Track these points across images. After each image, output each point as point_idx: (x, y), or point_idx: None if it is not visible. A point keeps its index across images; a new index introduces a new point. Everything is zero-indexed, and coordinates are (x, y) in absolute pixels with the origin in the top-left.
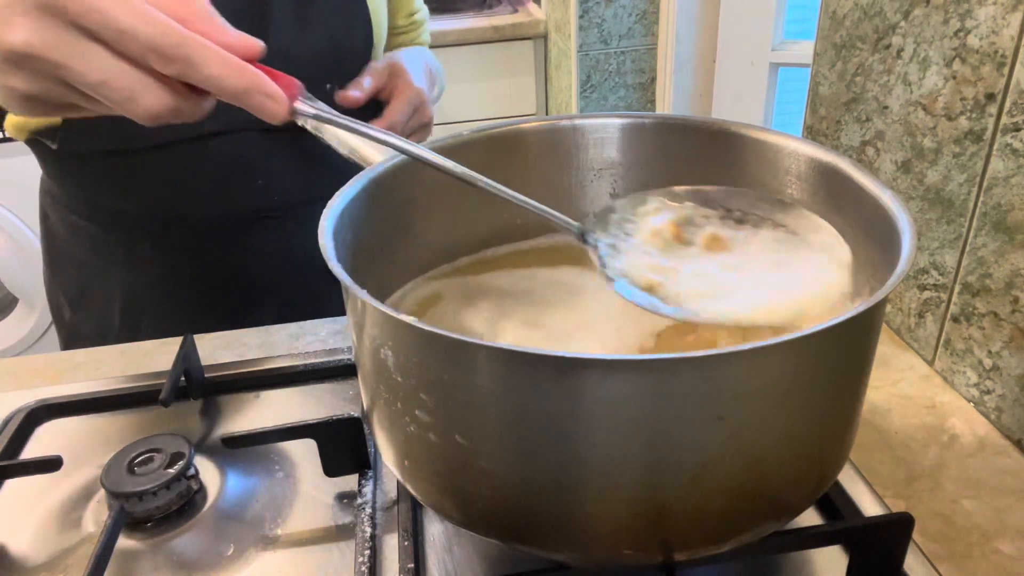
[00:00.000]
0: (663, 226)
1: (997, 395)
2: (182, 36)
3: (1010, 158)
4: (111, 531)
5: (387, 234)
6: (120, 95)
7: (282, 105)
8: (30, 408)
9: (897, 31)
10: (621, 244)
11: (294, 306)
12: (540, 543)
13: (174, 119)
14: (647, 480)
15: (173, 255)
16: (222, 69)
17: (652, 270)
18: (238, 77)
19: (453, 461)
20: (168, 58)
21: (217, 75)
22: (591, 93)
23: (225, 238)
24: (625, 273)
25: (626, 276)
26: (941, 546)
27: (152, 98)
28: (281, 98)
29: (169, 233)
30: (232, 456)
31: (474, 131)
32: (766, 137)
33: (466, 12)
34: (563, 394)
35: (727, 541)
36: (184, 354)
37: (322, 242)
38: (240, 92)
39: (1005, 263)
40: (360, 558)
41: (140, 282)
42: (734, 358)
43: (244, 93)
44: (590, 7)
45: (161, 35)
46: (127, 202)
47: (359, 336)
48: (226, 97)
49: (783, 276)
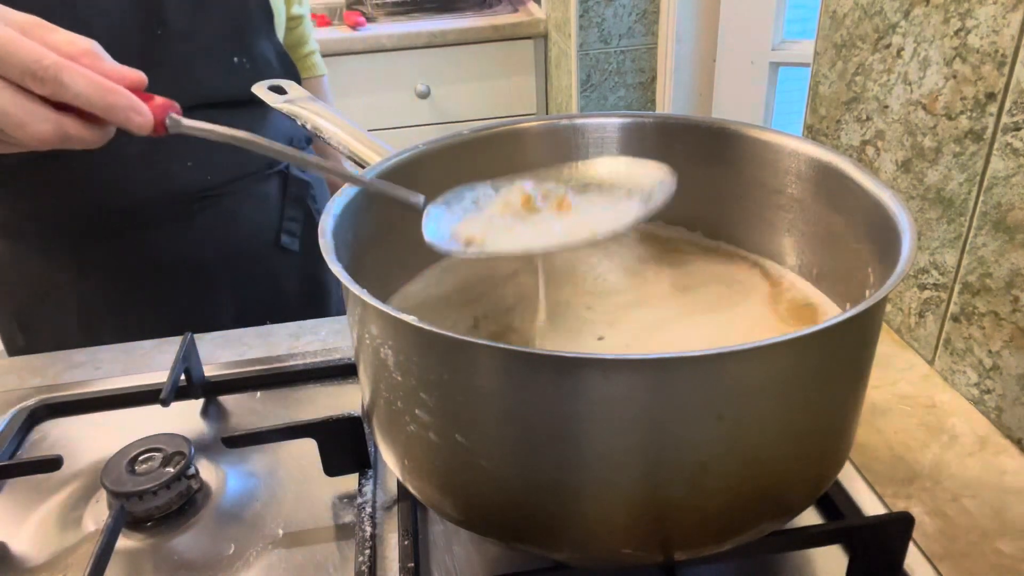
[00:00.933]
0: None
1: (997, 395)
2: (53, 60)
3: (1010, 157)
4: (111, 531)
5: (387, 234)
6: (8, 120)
7: (147, 118)
8: (30, 408)
9: (897, 30)
10: (460, 211)
11: (247, 280)
12: (540, 543)
13: (63, 144)
14: (647, 480)
15: (122, 251)
16: (89, 88)
17: (484, 229)
18: (104, 95)
19: (453, 461)
20: (41, 79)
21: (84, 93)
22: (591, 93)
23: (170, 223)
24: (456, 232)
25: (456, 233)
26: (941, 546)
27: (39, 123)
28: (145, 113)
29: (113, 229)
30: (232, 456)
31: (474, 131)
32: (766, 137)
33: (466, 12)
34: (563, 394)
35: (727, 540)
36: (184, 354)
37: (322, 242)
38: (107, 107)
39: (1005, 263)
40: (360, 558)
41: (93, 285)
42: (734, 358)
43: (111, 108)
44: (590, 6)
45: (35, 60)
46: (65, 206)
47: (359, 336)
48: (96, 112)
49: (581, 216)
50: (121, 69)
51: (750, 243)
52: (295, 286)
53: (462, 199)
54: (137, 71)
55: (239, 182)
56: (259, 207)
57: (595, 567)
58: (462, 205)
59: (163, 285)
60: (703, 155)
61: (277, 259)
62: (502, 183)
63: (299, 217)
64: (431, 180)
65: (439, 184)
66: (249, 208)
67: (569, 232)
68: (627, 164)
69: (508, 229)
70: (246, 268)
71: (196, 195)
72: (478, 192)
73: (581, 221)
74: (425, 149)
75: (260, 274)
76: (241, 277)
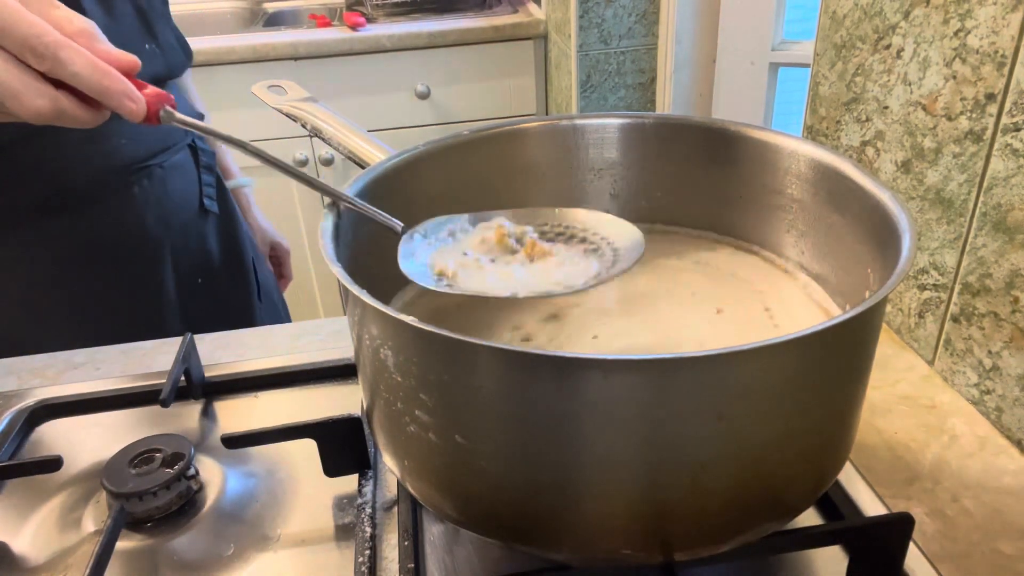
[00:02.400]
0: (489, 235)
1: (997, 395)
2: (54, 38)
3: (1010, 158)
4: (111, 531)
5: (387, 234)
6: (5, 91)
7: (140, 105)
8: (30, 408)
9: (897, 31)
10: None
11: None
12: (540, 543)
13: (58, 120)
14: (647, 480)
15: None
16: (86, 69)
17: (458, 264)
18: (100, 77)
19: (453, 461)
20: (40, 55)
21: (81, 73)
22: (591, 93)
23: (112, 198)
24: (431, 262)
25: (431, 264)
26: (941, 546)
27: (35, 96)
28: (139, 100)
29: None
30: (232, 456)
31: (474, 131)
32: (766, 137)
33: (466, 12)
34: (563, 394)
35: (727, 541)
36: (184, 354)
37: (322, 242)
38: (102, 90)
39: (1005, 263)
40: (360, 558)
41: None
42: (734, 358)
43: (105, 91)
44: (590, 7)
45: (36, 36)
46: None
47: (359, 336)
48: (91, 93)
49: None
50: (116, 52)
51: (749, 243)
52: (216, 245)
53: (440, 229)
54: (132, 56)
55: (164, 154)
56: (183, 176)
57: (595, 567)
58: (439, 236)
59: (113, 257)
60: (703, 155)
61: (202, 222)
62: (481, 217)
63: (212, 182)
64: (431, 180)
65: (440, 184)
66: (176, 177)
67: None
68: (606, 222)
69: (479, 269)
70: (181, 233)
71: (133, 168)
72: (456, 225)
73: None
74: (425, 149)
75: (192, 236)
76: (178, 242)
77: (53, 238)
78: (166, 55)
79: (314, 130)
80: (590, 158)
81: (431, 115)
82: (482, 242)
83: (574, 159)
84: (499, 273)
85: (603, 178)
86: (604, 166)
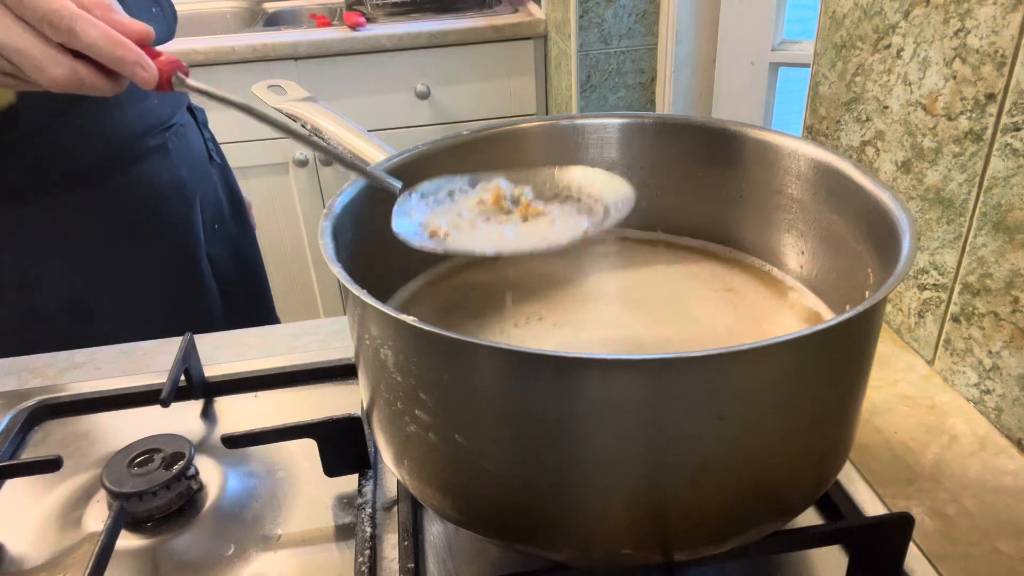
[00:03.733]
0: (486, 196)
1: (997, 395)
2: (70, 11)
3: (1010, 158)
4: (111, 531)
5: (386, 235)
6: (28, 62)
7: (151, 74)
8: (30, 408)
9: (897, 31)
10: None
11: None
12: (540, 543)
13: (78, 89)
14: (647, 480)
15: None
16: (100, 40)
17: (451, 224)
18: (113, 47)
19: (453, 461)
20: (56, 27)
21: (96, 44)
22: (591, 93)
23: (155, 154)
24: (425, 222)
25: (424, 224)
26: (941, 546)
27: (54, 67)
28: (151, 68)
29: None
30: (232, 456)
31: (474, 131)
32: (766, 137)
33: (466, 12)
34: (563, 394)
35: (727, 541)
36: (184, 354)
37: (322, 242)
38: (116, 60)
39: (1005, 263)
40: (360, 558)
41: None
42: (734, 358)
43: (119, 60)
44: (590, 7)
45: (53, 10)
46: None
47: (359, 336)
48: (106, 63)
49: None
50: (129, 22)
51: (749, 243)
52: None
53: (439, 190)
54: (145, 25)
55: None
56: (191, 131)
57: (595, 568)
58: (437, 197)
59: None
60: (703, 156)
61: (212, 171)
62: (481, 178)
63: (211, 136)
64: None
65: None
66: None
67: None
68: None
69: (473, 229)
70: (203, 182)
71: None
72: (455, 185)
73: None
74: (425, 149)
75: (209, 186)
76: (200, 191)
77: (113, 195)
78: (166, 16)
79: (314, 130)
80: (590, 158)
81: (431, 115)
82: (479, 203)
83: (574, 159)
84: (489, 232)
85: None
86: (604, 166)
